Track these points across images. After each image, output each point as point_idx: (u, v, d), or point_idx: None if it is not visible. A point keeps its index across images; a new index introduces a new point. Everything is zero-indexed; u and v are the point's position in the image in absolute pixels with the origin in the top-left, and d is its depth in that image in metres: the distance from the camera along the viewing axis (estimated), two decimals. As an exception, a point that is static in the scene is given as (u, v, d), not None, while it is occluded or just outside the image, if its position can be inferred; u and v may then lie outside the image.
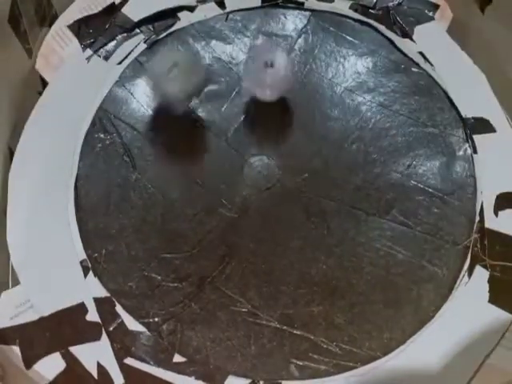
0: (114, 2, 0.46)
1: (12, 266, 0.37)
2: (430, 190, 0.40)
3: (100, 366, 0.34)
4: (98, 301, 0.36)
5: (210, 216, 0.39)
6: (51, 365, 0.34)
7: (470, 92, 0.43)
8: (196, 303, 0.36)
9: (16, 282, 0.37)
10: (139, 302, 0.36)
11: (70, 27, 0.45)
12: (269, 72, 0.40)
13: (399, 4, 0.47)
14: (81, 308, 0.36)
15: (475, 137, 0.41)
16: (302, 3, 0.47)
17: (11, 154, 0.41)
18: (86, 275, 0.37)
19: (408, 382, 0.34)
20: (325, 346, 0.35)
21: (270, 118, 0.43)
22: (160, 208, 0.40)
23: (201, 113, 0.43)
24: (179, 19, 0.47)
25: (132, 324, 0.36)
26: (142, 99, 0.44)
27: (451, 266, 0.38)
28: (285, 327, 0.36)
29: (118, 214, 0.39)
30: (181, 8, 0.47)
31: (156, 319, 0.36)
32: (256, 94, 0.41)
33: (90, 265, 0.37)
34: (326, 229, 0.39)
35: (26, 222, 0.38)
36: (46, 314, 0.35)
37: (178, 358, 0.35)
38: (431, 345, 0.35)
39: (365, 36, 0.46)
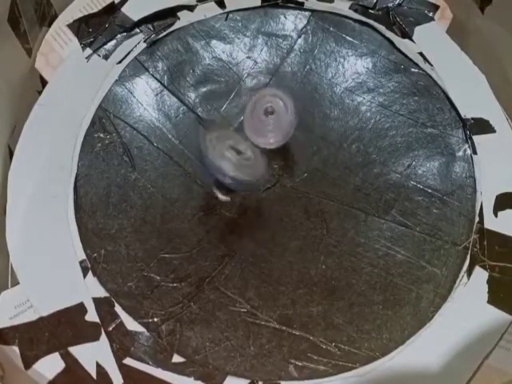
0: (113, 1, 0.46)
1: (11, 266, 0.37)
2: (430, 190, 0.40)
3: (99, 366, 0.34)
4: (97, 301, 0.36)
5: (210, 216, 0.39)
6: (50, 365, 0.34)
7: (470, 92, 0.43)
8: (195, 303, 0.37)
9: (15, 282, 0.37)
10: (138, 302, 0.37)
11: (70, 26, 0.45)
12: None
13: (399, 4, 0.46)
14: (80, 308, 0.36)
15: (475, 137, 0.41)
16: (302, 3, 0.47)
17: (11, 153, 0.41)
18: (85, 275, 0.37)
19: (407, 382, 0.34)
20: (324, 347, 0.35)
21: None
22: (159, 208, 0.40)
23: (200, 113, 0.43)
24: (179, 18, 0.47)
25: (131, 324, 0.36)
26: (141, 98, 0.44)
27: (450, 266, 0.38)
28: (284, 327, 0.36)
29: (118, 214, 0.39)
30: (180, 7, 0.46)
31: (155, 319, 0.36)
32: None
33: (89, 265, 0.37)
34: (326, 229, 0.39)
35: (26, 222, 0.38)
36: (45, 314, 0.35)
37: (176, 359, 0.35)
38: (430, 345, 0.35)
39: (365, 36, 0.46)
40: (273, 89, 0.41)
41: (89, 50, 0.45)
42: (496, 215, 0.39)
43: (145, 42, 0.46)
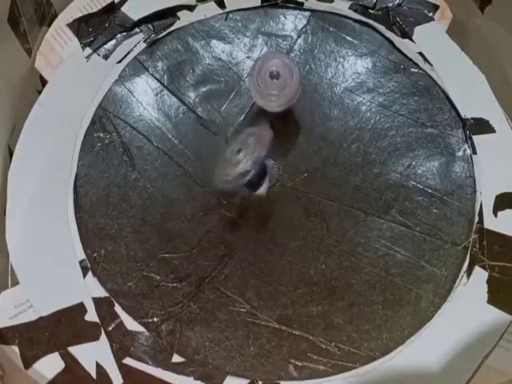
0: (113, 1, 0.46)
1: (11, 266, 0.37)
2: (430, 190, 0.40)
3: (99, 366, 0.34)
4: (96, 301, 0.36)
5: (210, 216, 0.39)
6: (50, 365, 0.34)
7: (470, 92, 0.43)
8: (195, 303, 0.37)
9: (15, 282, 0.37)
10: (138, 302, 0.37)
11: (70, 26, 0.45)
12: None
13: (399, 4, 0.46)
14: (80, 308, 0.36)
15: (475, 137, 0.41)
16: (302, 3, 0.47)
17: (10, 153, 0.41)
18: (85, 275, 0.37)
19: (407, 382, 0.34)
20: (323, 347, 0.35)
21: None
22: (159, 208, 0.40)
23: (200, 112, 0.43)
24: (179, 18, 0.47)
25: (131, 324, 0.36)
26: (141, 98, 0.44)
27: (450, 266, 0.38)
28: (283, 327, 0.36)
29: (118, 214, 0.39)
30: (180, 7, 0.47)
31: (155, 319, 0.36)
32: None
33: (89, 265, 0.37)
34: (325, 229, 0.39)
35: (26, 222, 0.38)
36: (45, 313, 0.36)
37: (176, 358, 0.35)
38: (430, 345, 0.35)
39: (364, 36, 0.46)
40: (279, 52, 0.42)
41: (89, 50, 0.45)
42: (496, 215, 0.39)
43: (145, 41, 0.46)
